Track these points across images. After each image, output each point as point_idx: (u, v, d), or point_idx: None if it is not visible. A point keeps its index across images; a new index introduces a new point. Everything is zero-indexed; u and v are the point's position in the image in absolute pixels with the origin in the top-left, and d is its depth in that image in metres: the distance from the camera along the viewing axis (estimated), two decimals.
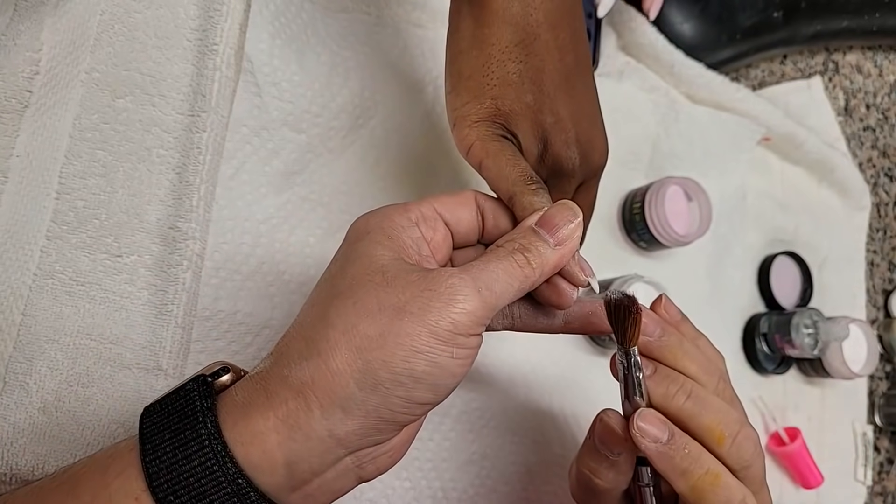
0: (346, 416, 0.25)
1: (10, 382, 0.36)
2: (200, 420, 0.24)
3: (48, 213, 0.38)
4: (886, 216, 0.75)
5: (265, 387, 0.25)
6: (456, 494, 0.46)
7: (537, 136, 0.35)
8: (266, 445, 0.24)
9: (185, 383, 0.26)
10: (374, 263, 0.27)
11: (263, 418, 0.25)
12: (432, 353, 0.25)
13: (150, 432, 0.25)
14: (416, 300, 0.25)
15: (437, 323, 0.25)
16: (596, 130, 0.37)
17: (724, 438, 0.29)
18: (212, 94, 0.41)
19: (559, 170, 0.35)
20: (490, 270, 0.27)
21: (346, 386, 0.24)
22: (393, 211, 0.29)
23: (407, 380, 0.25)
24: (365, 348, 0.25)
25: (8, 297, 0.37)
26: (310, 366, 0.25)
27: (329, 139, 0.47)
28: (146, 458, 0.24)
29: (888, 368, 0.71)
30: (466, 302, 0.26)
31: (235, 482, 0.24)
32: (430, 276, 0.26)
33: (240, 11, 0.43)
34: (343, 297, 0.26)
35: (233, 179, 0.43)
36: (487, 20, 0.34)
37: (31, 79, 0.38)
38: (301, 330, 0.27)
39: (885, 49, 0.77)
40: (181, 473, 0.24)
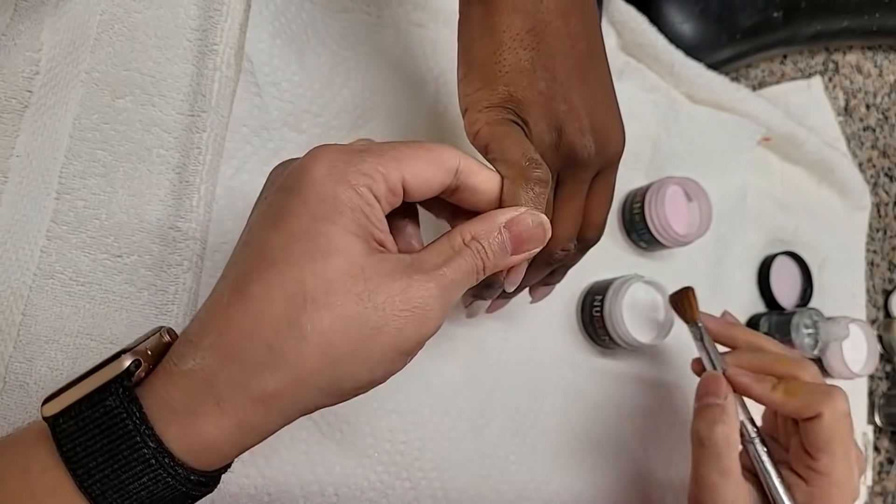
0: (300, 413, 0.26)
1: (10, 382, 0.36)
2: (139, 441, 0.23)
3: (48, 213, 0.38)
4: (886, 216, 0.75)
5: (213, 393, 0.24)
6: (456, 494, 0.46)
7: (551, 123, 0.34)
8: (221, 451, 0.25)
9: (100, 394, 0.24)
10: (353, 266, 0.25)
11: (216, 427, 0.24)
12: (395, 364, 0.27)
13: (77, 456, 0.23)
14: (395, 321, 0.25)
15: (408, 341, 0.26)
16: (611, 118, 0.36)
17: (790, 365, 0.42)
18: (212, 94, 0.41)
19: (574, 158, 0.34)
20: (456, 281, 0.27)
21: (310, 393, 0.25)
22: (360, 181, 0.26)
23: (366, 385, 0.26)
24: (337, 364, 0.25)
25: (8, 297, 0.37)
26: (276, 379, 0.24)
27: (329, 139, 0.47)
28: (84, 484, 0.23)
29: (888, 368, 0.71)
30: (436, 322, 0.27)
31: (188, 481, 0.24)
32: (409, 292, 0.26)
33: (240, 11, 0.43)
34: (318, 306, 0.24)
35: (233, 179, 0.43)
36: (497, 8, 0.33)
37: (31, 79, 0.38)
38: (259, 329, 0.24)
39: (885, 49, 0.77)
40: (131, 491, 0.23)
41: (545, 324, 0.52)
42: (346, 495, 0.43)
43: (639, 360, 0.56)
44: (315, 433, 0.43)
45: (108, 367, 0.24)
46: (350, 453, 0.44)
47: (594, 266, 0.55)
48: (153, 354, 0.26)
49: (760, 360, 0.43)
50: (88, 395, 0.24)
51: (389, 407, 0.45)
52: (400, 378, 0.46)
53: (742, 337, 0.46)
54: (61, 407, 0.24)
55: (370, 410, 0.45)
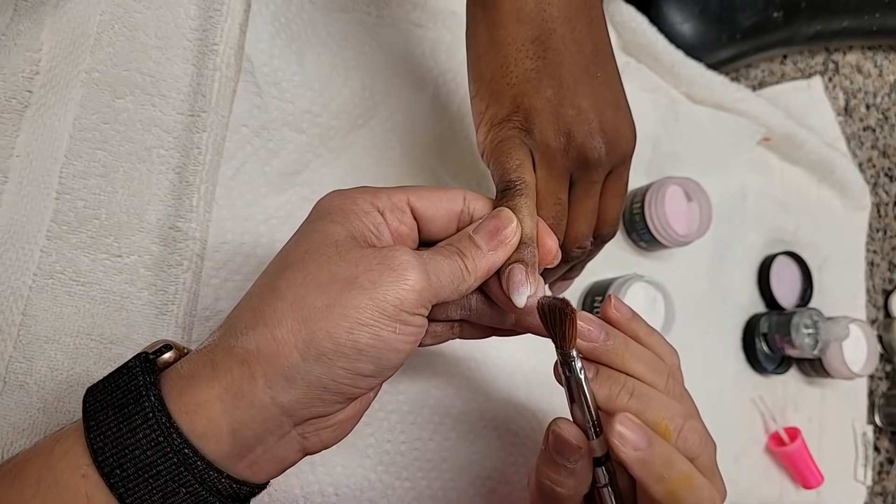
0: (289, 385, 0.25)
1: (10, 382, 0.36)
2: (144, 394, 0.25)
3: (48, 213, 0.38)
4: (886, 216, 0.75)
5: (211, 358, 0.26)
6: (456, 494, 0.46)
7: (559, 130, 0.34)
8: (210, 414, 0.25)
9: (127, 362, 0.27)
10: (328, 238, 0.27)
11: (208, 388, 0.25)
12: (376, 327, 0.26)
13: (94, 410, 0.25)
14: (368, 274, 0.26)
15: (385, 297, 0.26)
16: (621, 117, 0.36)
17: (669, 432, 0.29)
18: (212, 94, 0.41)
19: (585, 160, 0.35)
20: (437, 262, 0.28)
21: (290, 355, 0.25)
22: (359, 194, 0.29)
23: (350, 351, 0.25)
24: (311, 319, 0.25)
25: (8, 297, 0.37)
26: (255, 335, 0.25)
27: (329, 139, 0.47)
28: (90, 435, 0.24)
29: (888, 368, 0.71)
30: (416, 281, 0.26)
31: (181, 451, 0.24)
32: (382, 251, 0.27)
33: (240, 11, 0.43)
34: (293, 269, 0.26)
35: (233, 179, 0.43)
36: (501, 21, 0.34)
37: (31, 79, 0.38)
38: (250, 301, 0.27)
39: (885, 49, 0.77)
40: (126, 446, 0.24)
41: None
42: (346, 495, 0.43)
43: None
44: None
45: (145, 348, 0.28)
46: (350, 453, 0.44)
47: (594, 266, 0.55)
48: (187, 352, 0.28)
49: (638, 414, 0.30)
50: (121, 366, 0.27)
51: (390, 407, 0.45)
52: (400, 378, 0.46)
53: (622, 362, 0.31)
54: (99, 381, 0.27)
55: (370, 411, 0.45)
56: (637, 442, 0.28)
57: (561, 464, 0.30)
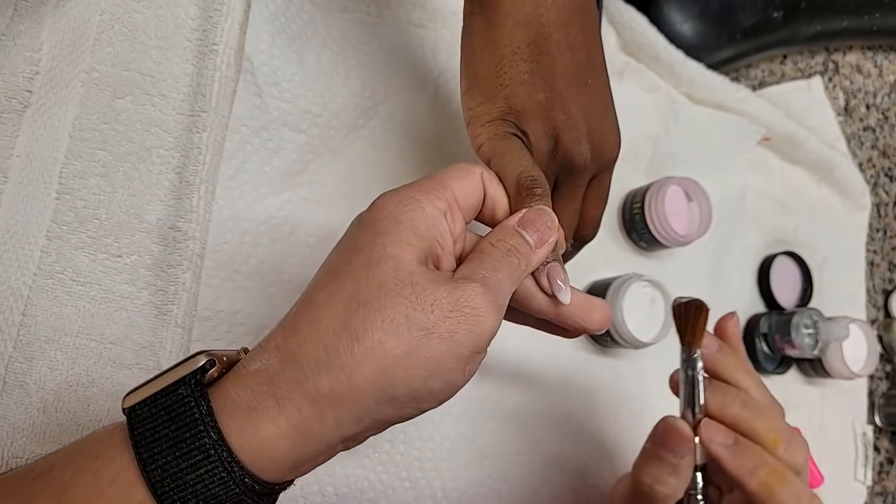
0: (357, 424, 0.26)
1: (9, 382, 0.36)
2: (202, 429, 0.24)
3: (48, 213, 0.38)
4: (886, 216, 0.75)
5: (273, 390, 0.25)
6: (456, 494, 0.46)
7: (548, 132, 0.35)
8: (276, 452, 0.25)
9: (175, 385, 0.25)
10: (402, 271, 0.26)
11: (274, 425, 0.25)
12: (450, 373, 0.26)
13: (145, 440, 0.24)
14: (445, 322, 0.26)
15: (462, 344, 0.26)
16: (608, 124, 0.37)
17: (780, 443, 0.31)
18: (212, 94, 0.41)
19: (571, 165, 0.36)
20: (499, 280, 0.28)
21: (365, 401, 0.25)
22: (424, 198, 0.28)
23: (422, 395, 0.26)
24: (390, 367, 0.25)
25: (8, 297, 0.37)
26: (330, 378, 0.25)
27: (329, 139, 0.47)
28: (147, 467, 0.24)
29: (888, 368, 0.71)
30: (489, 322, 0.26)
31: (243, 482, 0.24)
32: (457, 294, 0.26)
33: (240, 11, 0.43)
34: (370, 309, 0.25)
35: (233, 179, 0.43)
36: (499, 22, 0.34)
37: (31, 79, 0.38)
38: (319, 333, 0.26)
39: (885, 49, 0.77)
40: (188, 481, 0.24)
41: None
42: (346, 495, 0.43)
43: (640, 358, 0.56)
44: None
45: (185, 364, 0.26)
46: (350, 454, 0.44)
47: (594, 266, 0.55)
48: (228, 361, 0.27)
49: (748, 422, 0.33)
50: (165, 387, 0.25)
51: None
52: None
53: (731, 374, 0.35)
54: (140, 398, 0.25)
55: None
56: (726, 439, 0.31)
57: (666, 460, 0.33)
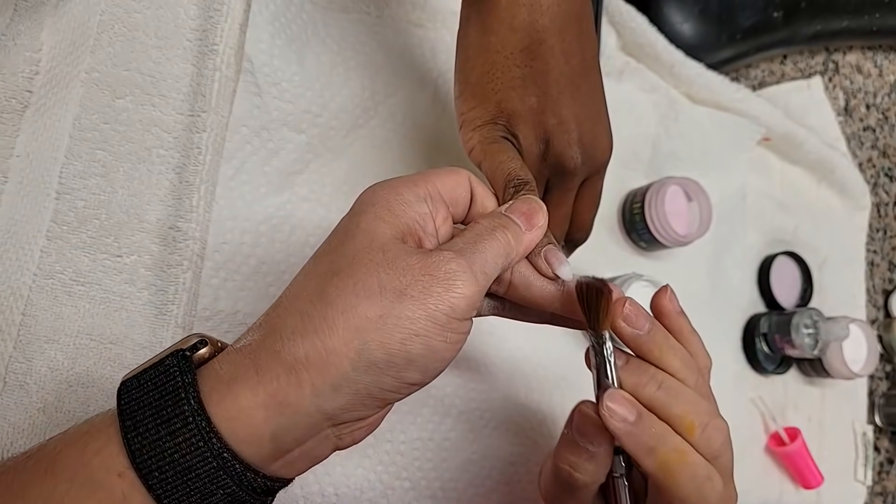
0: (336, 394, 0.25)
1: (9, 382, 0.36)
2: (183, 396, 0.24)
3: (48, 214, 0.38)
4: (886, 216, 0.75)
5: (254, 361, 0.25)
6: (456, 494, 0.46)
7: (539, 136, 0.36)
8: (253, 420, 0.25)
9: (163, 358, 0.26)
10: (375, 241, 0.27)
11: (252, 393, 0.25)
12: (428, 337, 0.26)
13: (130, 409, 0.25)
14: (417, 284, 0.25)
15: (437, 307, 0.26)
16: (600, 128, 0.38)
17: (694, 427, 0.29)
18: (212, 94, 0.41)
19: (562, 168, 0.37)
20: (482, 251, 0.28)
21: (341, 365, 0.25)
22: (402, 185, 0.29)
23: (401, 361, 0.25)
24: (363, 329, 0.25)
25: (8, 297, 0.37)
26: (305, 343, 0.25)
27: (329, 139, 0.47)
28: (128, 435, 0.24)
29: (888, 368, 0.71)
30: (465, 287, 0.26)
31: (220, 456, 0.24)
32: (429, 259, 0.26)
33: (240, 11, 0.43)
34: (343, 276, 0.26)
35: (233, 179, 0.43)
36: (494, 27, 0.35)
37: (31, 79, 0.38)
38: (296, 304, 0.26)
39: (885, 49, 0.77)
40: (165, 450, 0.24)
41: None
42: (346, 495, 0.43)
43: None
44: None
45: (178, 343, 0.27)
46: (350, 454, 0.44)
47: (594, 265, 0.55)
48: (222, 346, 0.28)
49: (664, 405, 0.30)
50: (155, 362, 0.26)
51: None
52: None
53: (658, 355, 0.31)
54: (133, 374, 0.26)
55: None
56: (625, 415, 0.29)
57: (583, 447, 0.31)
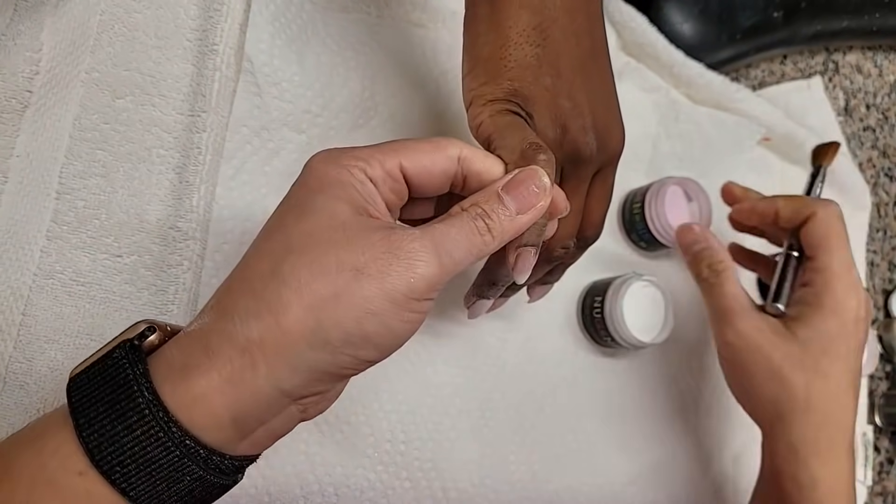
0: (292, 374, 0.25)
1: (9, 383, 0.36)
2: (135, 389, 0.23)
3: (48, 214, 0.38)
4: (886, 216, 0.75)
5: (205, 345, 0.24)
6: (456, 494, 0.46)
7: (555, 120, 0.34)
8: (210, 406, 0.24)
9: (110, 350, 0.25)
10: (334, 219, 0.26)
11: (206, 379, 0.24)
12: (384, 316, 0.25)
13: (82, 406, 0.24)
14: (376, 262, 0.25)
15: (395, 287, 0.25)
16: (612, 116, 0.36)
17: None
18: (212, 94, 0.41)
19: (576, 156, 0.35)
20: (451, 237, 0.27)
21: (296, 345, 0.24)
22: (353, 163, 0.27)
23: (357, 340, 0.25)
24: (318, 307, 0.24)
25: (8, 297, 0.37)
26: (259, 324, 0.24)
27: (329, 139, 0.47)
28: (83, 433, 0.23)
29: (888, 368, 0.71)
30: (426, 268, 0.25)
31: (183, 444, 0.24)
32: (392, 237, 0.25)
33: (240, 11, 0.43)
34: (298, 254, 0.25)
35: (233, 180, 0.43)
36: (504, 5, 0.33)
37: (31, 79, 0.38)
38: (248, 283, 0.25)
39: (885, 49, 0.77)
40: (124, 444, 0.23)
41: (545, 323, 0.52)
42: (346, 495, 0.43)
43: (639, 358, 0.56)
44: (315, 433, 0.43)
45: (124, 332, 0.26)
46: (350, 453, 0.44)
47: (594, 266, 0.55)
48: (172, 330, 0.27)
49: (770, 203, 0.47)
50: (103, 355, 0.25)
51: (389, 407, 0.45)
52: (399, 378, 0.46)
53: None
54: (81, 368, 0.25)
55: (370, 411, 0.45)
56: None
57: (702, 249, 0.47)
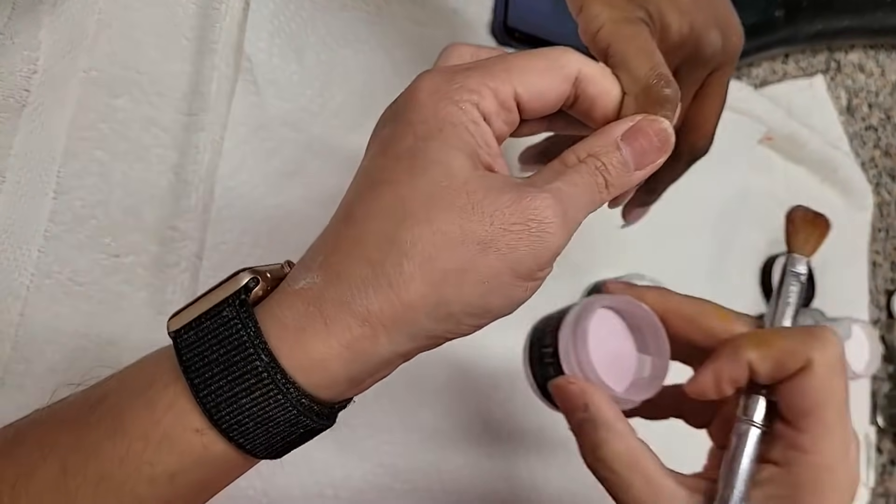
0: (411, 340, 0.24)
1: (7, 383, 0.36)
2: (252, 352, 0.23)
3: (45, 213, 0.38)
4: (889, 216, 0.74)
5: (320, 310, 0.23)
6: (456, 495, 0.46)
7: (683, 19, 0.30)
8: (329, 369, 0.24)
9: (218, 307, 0.24)
10: (454, 178, 0.24)
11: (325, 345, 0.23)
12: (508, 289, 0.24)
13: (195, 365, 0.23)
14: (505, 236, 0.23)
15: (522, 262, 0.24)
16: (730, 10, 0.34)
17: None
18: (210, 93, 0.41)
19: (699, 54, 0.32)
20: (576, 197, 0.25)
21: (417, 319, 0.23)
22: (466, 97, 0.25)
23: (479, 311, 0.24)
24: (442, 283, 0.23)
25: (6, 297, 0.37)
26: (378, 296, 0.23)
27: (329, 138, 0.47)
28: (200, 394, 0.23)
29: (891, 369, 0.71)
30: (554, 241, 0.24)
31: (300, 403, 0.23)
32: (522, 202, 0.23)
33: (238, 10, 0.43)
34: (419, 221, 0.23)
35: (231, 179, 0.43)
36: None
37: (28, 78, 0.38)
38: (362, 250, 0.24)
39: (888, 48, 0.77)
40: (243, 405, 0.23)
41: None
42: (345, 497, 0.43)
43: None
44: None
45: (227, 284, 0.25)
46: (350, 455, 0.44)
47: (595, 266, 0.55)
48: (272, 277, 0.26)
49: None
50: (209, 309, 0.24)
51: (389, 408, 0.45)
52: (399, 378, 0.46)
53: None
54: (184, 322, 0.24)
55: (370, 411, 0.45)
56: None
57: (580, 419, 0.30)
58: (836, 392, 0.27)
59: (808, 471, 0.27)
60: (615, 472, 0.28)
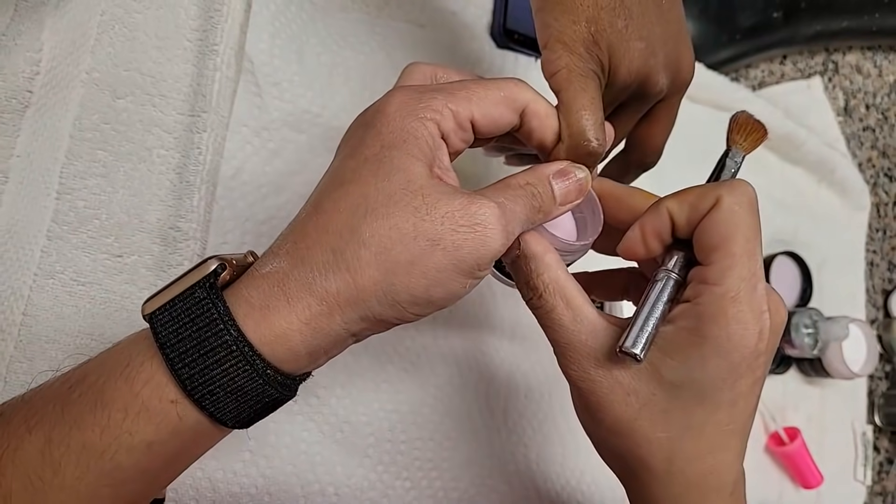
0: (362, 322, 0.27)
1: (10, 382, 0.36)
2: (221, 327, 0.26)
3: (49, 213, 0.38)
4: (886, 216, 0.75)
5: (284, 290, 0.27)
6: (456, 494, 0.46)
7: (630, 67, 0.34)
8: (290, 343, 0.27)
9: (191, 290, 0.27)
10: (412, 183, 0.27)
11: (287, 321, 0.26)
12: (450, 284, 0.27)
13: (169, 342, 0.26)
14: (452, 235, 0.27)
15: (465, 259, 0.27)
16: (684, 48, 0.37)
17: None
18: (212, 94, 0.41)
19: (644, 93, 0.35)
20: (517, 213, 0.29)
21: (368, 301, 0.27)
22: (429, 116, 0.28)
23: (422, 301, 0.27)
24: (392, 272, 0.26)
25: (9, 297, 0.37)
26: (336, 279, 0.26)
27: (329, 139, 0.47)
28: (175, 367, 0.26)
29: (888, 368, 0.71)
30: (495, 242, 0.27)
31: (265, 374, 0.26)
32: (471, 208, 0.27)
33: (240, 11, 0.43)
34: (378, 217, 0.27)
35: (233, 179, 0.43)
36: None
37: (31, 79, 0.38)
38: (326, 238, 0.27)
39: (885, 49, 0.77)
40: (214, 377, 0.26)
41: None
42: (346, 495, 0.43)
43: None
44: (316, 433, 0.43)
45: (197, 270, 0.27)
46: (350, 453, 0.44)
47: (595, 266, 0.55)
48: (237, 264, 0.28)
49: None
50: (182, 291, 0.27)
51: (389, 407, 0.45)
52: (400, 377, 0.46)
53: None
54: (159, 304, 0.27)
55: (370, 411, 0.45)
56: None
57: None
58: (744, 226, 0.28)
59: (712, 301, 0.27)
60: (542, 298, 0.31)
